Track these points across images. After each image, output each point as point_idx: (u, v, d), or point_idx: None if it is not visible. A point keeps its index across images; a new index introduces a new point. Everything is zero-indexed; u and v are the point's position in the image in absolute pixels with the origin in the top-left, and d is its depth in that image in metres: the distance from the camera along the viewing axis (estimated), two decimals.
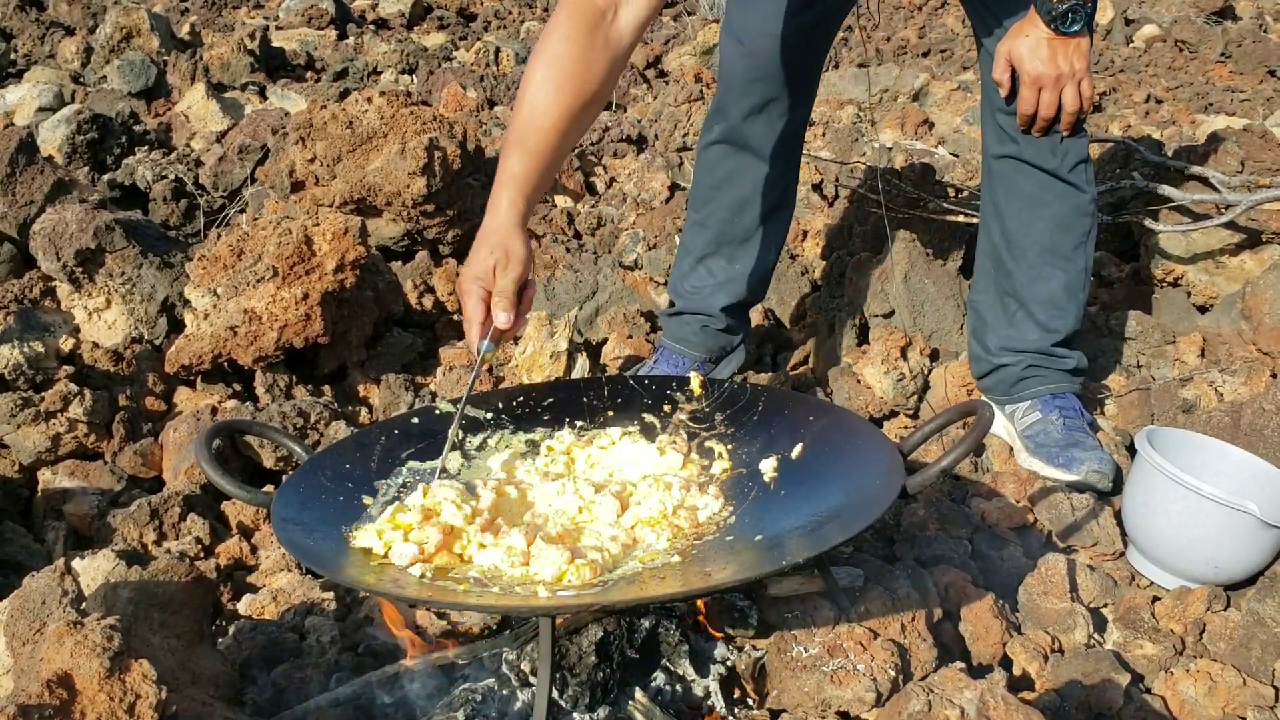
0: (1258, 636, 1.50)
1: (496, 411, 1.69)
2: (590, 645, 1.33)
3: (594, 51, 1.59)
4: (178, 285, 2.51)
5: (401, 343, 2.54)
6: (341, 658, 1.50)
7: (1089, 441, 1.97)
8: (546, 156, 1.57)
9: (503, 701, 1.33)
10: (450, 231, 3.02)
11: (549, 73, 1.59)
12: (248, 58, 4.72)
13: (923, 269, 2.53)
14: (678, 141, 4.13)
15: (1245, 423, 1.88)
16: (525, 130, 1.57)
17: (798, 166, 2.27)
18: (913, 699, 1.26)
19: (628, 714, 1.32)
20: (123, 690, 1.12)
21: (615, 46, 1.61)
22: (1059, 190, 1.95)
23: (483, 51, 5.60)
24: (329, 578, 1.36)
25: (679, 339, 2.31)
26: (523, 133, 1.57)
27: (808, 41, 2.07)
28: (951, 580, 1.60)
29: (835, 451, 1.48)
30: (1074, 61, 1.78)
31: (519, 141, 1.57)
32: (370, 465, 1.53)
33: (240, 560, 1.85)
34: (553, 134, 1.57)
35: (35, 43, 4.94)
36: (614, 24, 1.60)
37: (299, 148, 2.95)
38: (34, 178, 2.80)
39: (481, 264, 1.50)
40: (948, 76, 5.21)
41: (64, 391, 2.14)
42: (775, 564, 1.21)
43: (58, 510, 1.97)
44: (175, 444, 2.11)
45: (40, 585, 1.31)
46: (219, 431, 1.51)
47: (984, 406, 1.38)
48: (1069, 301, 2.02)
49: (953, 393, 2.25)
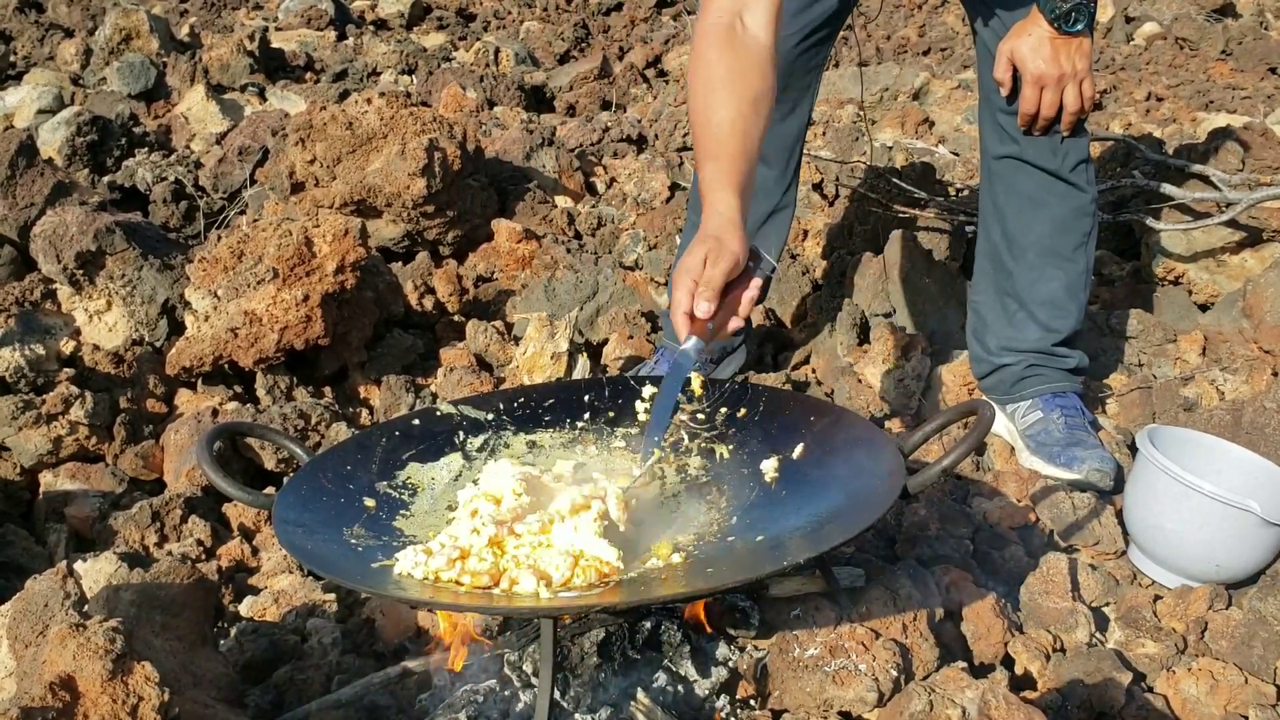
0: (1259, 635, 1.50)
1: (497, 412, 1.69)
2: (592, 646, 1.33)
3: (740, 59, 1.64)
4: (178, 287, 2.51)
5: (402, 344, 2.54)
6: (343, 660, 1.50)
7: (1090, 440, 1.97)
8: (738, 159, 1.60)
9: (504, 702, 1.33)
10: (450, 232, 3.02)
11: (710, 89, 1.64)
12: (247, 59, 4.72)
13: (923, 269, 2.53)
14: (678, 141, 4.13)
15: (1246, 421, 1.88)
16: (709, 143, 1.61)
17: (798, 168, 2.27)
18: (914, 699, 1.26)
19: (629, 714, 1.32)
20: (125, 692, 1.12)
21: (756, 47, 1.66)
22: (1060, 191, 1.95)
23: (482, 52, 5.60)
24: (330, 579, 1.36)
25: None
26: (708, 145, 1.61)
27: (809, 43, 2.07)
28: (953, 580, 1.60)
29: (836, 451, 1.48)
30: (1076, 61, 1.78)
31: (709, 154, 1.61)
32: (371, 467, 1.53)
33: (242, 562, 1.85)
34: (735, 137, 1.60)
35: (35, 45, 4.94)
36: (746, 30, 1.65)
37: (299, 149, 2.95)
38: (34, 180, 2.80)
39: (694, 256, 1.49)
40: (948, 75, 5.21)
41: (65, 394, 2.14)
42: (777, 564, 1.21)
43: (59, 513, 1.97)
44: (176, 446, 2.11)
45: (42, 588, 1.32)
46: (220, 434, 1.51)
47: (985, 406, 1.38)
48: (1070, 301, 2.02)
49: (953, 392, 2.25)
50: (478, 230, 3.11)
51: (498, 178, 3.41)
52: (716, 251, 1.48)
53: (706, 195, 1.58)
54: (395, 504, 1.48)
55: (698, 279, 1.47)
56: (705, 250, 1.49)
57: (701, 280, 1.47)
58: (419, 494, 1.52)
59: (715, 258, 1.48)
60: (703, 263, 1.48)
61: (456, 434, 1.64)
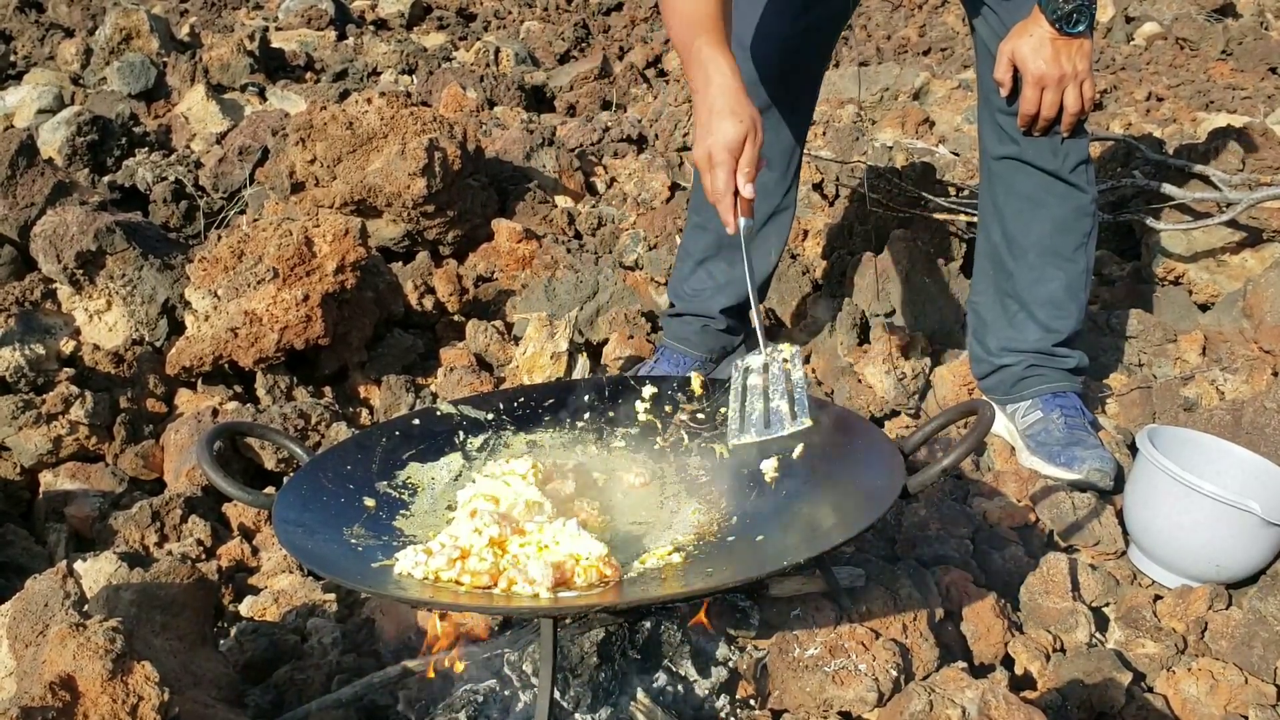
0: (1259, 635, 1.50)
1: (497, 412, 1.69)
2: (592, 646, 1.33)
3: None
4: (178, 287, 2.51)
5: (402, 344, 2.54)
6: (343, 659, 1.50)
7: (1090, 440, 1.97)
8: (724, 30, 1.58)
9: (504, 702, 1.33)
10: (450, 232, 3.02)
11: None
12: (247, 59, 4.72)
13: (923, 269, 2.53)
14: (678, 141, 4.13)
15: (1247, 421, 1.88)
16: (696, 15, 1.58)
17: (799, 169, 2.27)
18: (914, 699, 1.26)
19: (629, 714, 1.32)
20: (125, 692, 1.12)
21: None
22: (1060, 191, 1.95)
23: (483, 51, 5.60)
24: (330, 579, 1.36)
25: (680, 339, 2.31)
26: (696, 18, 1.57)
27: (810, 45, 2.07)
28: (953, 580, 1.60)
29: (836, 451, 1.48)
30: (1077, 62, 1.78)
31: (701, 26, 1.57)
32: (371, 466, 1.53)
33: (242, 562, 1.85)
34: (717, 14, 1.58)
35: (35, 44, 4.94)
36: None
37: (299, 149, 2.95)
38: (34, 180, 2.80)
39: (733, 133, 1.44)
40: (948, 75, 5.21)
41: (65, 394, 2.14)
42: (777, 564, 1.21)
43: (59, 512, 1.97)
44: (176, 446, 2.11)
45: (42, 587, 1.32)
46: (220, 433, 1.51)
47: (985, 406, 1.38)
48: (1070, 302, 2.02)
49: (953, 392, 2.25)
50: (478, 230, 3.11)
51: (498, 178, 3.41)
52: (753, 129, 1.45)
53: (708, 63, 1.53)
54: (395, 504, 1.48)
55: (739, 159, 1.44)
56: (743, 129, 1.44)
57: (743, 161, 1.44)
58: (419, 494, 1.53)
59: (753, 137, 1.45)
60: (742, 142, 1.44)
61: (456, 434, 1.64)
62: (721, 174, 1.45)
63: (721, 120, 1.46)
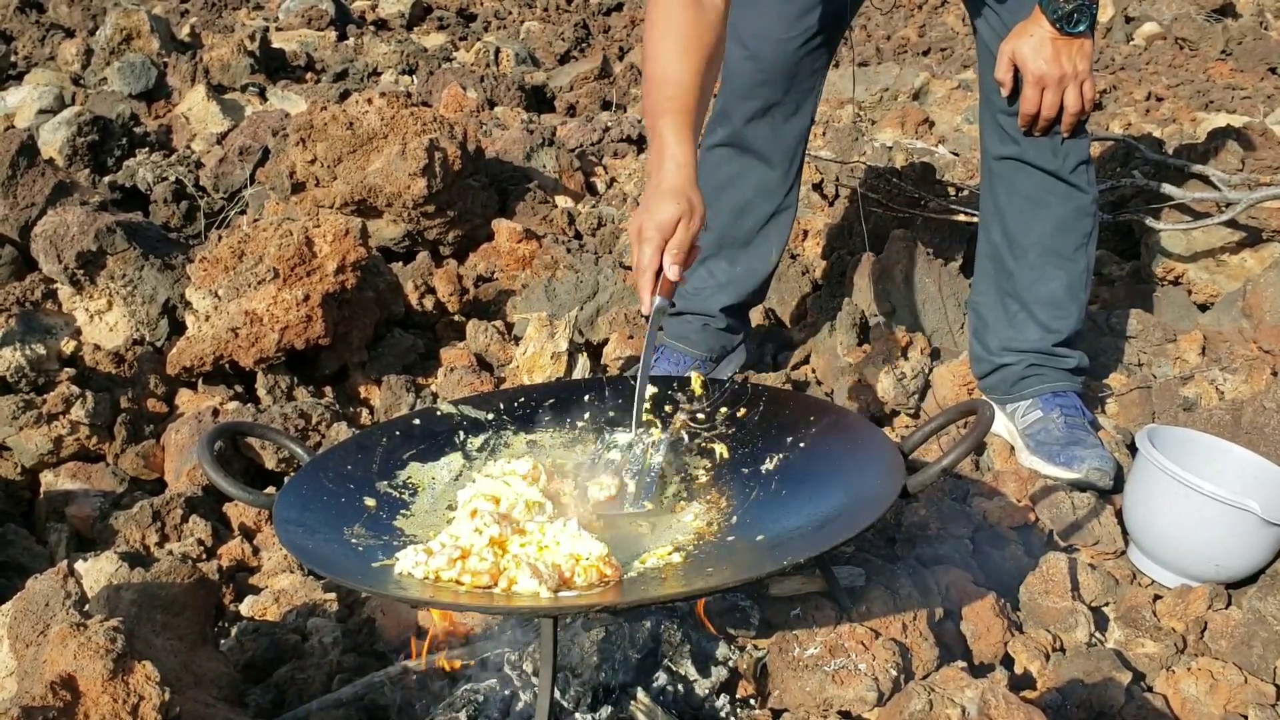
0: (1259, 634, 1.50)
1: (498, 412, 1.69)
2: (592, 645, 1.33)
3: (699, 17, 1.66)
4: (179, 287, 2.51)
5: (402, 344, 2.55)
6: (344, 659, 1.51)
7: (1090, 440, 1.97)
8: (693, 113, 1.62)
9: (505, 702, 1.33)
10: (451, 232, 3.03)
11: (671, 42, 1.65)
12: (248, 59, 4.72)
13: (923, 268, 2.53)
14: None
15: (1246, 421, 1.88)
16: (668, 94, 1.62)
17: (800, 170, 2.27)
18: (914, 698, 1.26)
19: (630, 714, 1.32)
20: (126, 692, 1.12)
21: (713, 7, 1.68)
22: (1060, 191, 1.95)
23: (483, 52, 5.60)
24: (330, 579, 1.36)
25: (680, 338, 2.31)
26: (666, 96, 1.62)
27: (811, 46, 2.07)
28: (953, 579, 1.60)
29: (836, 451, 1.48)
30: (1077, 63, 1.79)
31: (668, 107, 1.61)
32: (372, 466, 1.53)
33: (242, 562, 1.85)
34: (693, 91, 1.62)
35: (35, 45, 4.94)
36: None
37: (299, 149, 2.95)
38: (35, 180, 2.81)
39: (667, 213, 1.48)
40: (948, 75, 5.21)
41: (65, 394, 2.14)
42: (777, 564, 1.21)
43: (60, 512, 1.97)
44: (177, 446, 2.11)
45: (43, 587, 1.32)
46: (221, 433, 1.51)
47: (984, 406, 1.38)
48: (1070, 302, 2.02)
49: (953, 392, 2.25)
50: (478, 230, 3.11)
51: (498, 178, 3.41)
52: (690, 214, 1.49)
53: (665, 147, 1.58)
54: (396, 503, 1.48)
55: (668, 239, 1.47)
56: (679, 210, 1.48)
57: (673, 242, 1.47)
58: (419, 494, 1.53)
59: (688, 221, 1.48)
60: (674, 223, 1.47)
61: (457, 434, 1.64)
62: (647, 250, 1.49)
63: (661, 200, 1.51)
